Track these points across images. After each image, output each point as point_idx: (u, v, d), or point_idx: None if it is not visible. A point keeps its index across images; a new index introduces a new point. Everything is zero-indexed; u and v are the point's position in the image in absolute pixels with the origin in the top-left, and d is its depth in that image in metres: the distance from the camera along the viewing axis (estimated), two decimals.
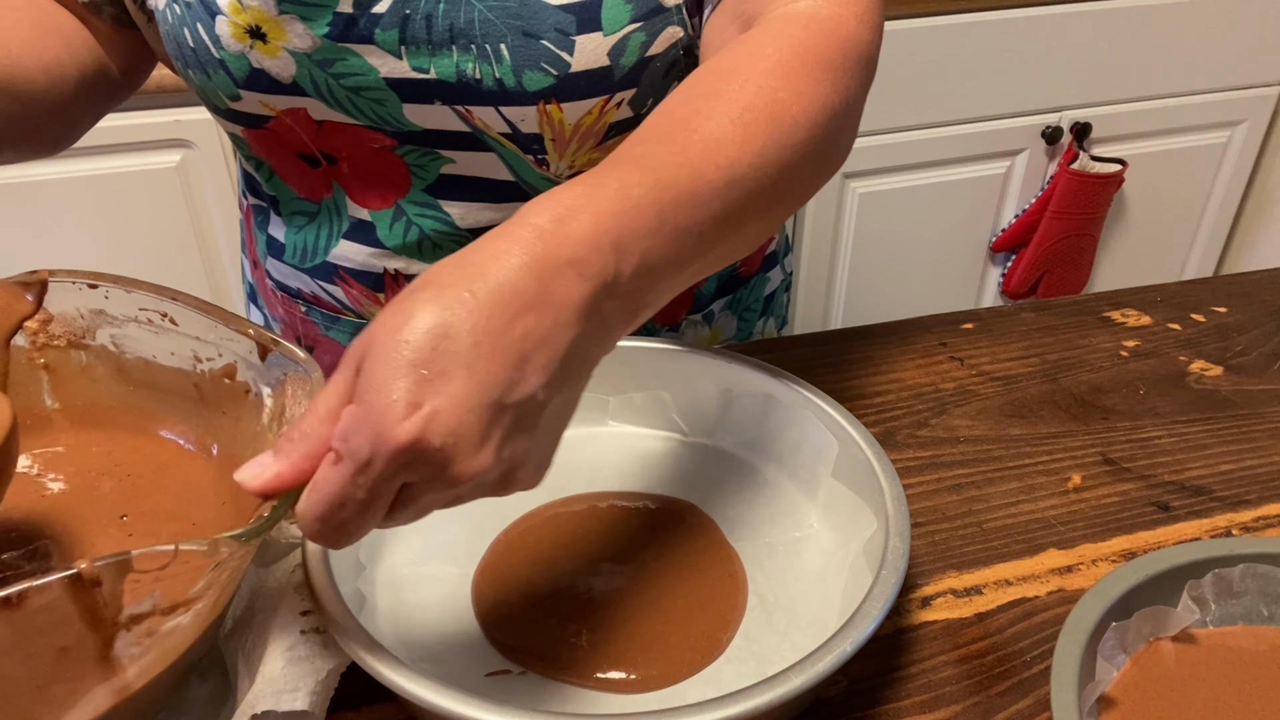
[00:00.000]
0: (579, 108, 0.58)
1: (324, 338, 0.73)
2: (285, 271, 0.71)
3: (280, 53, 0.57)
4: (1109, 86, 1.71)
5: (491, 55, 0.56)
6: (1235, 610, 0.50)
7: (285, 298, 0.73)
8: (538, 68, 0.56)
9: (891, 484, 0.50)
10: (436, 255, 0.66)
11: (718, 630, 0.49)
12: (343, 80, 0.58)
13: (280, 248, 0.70)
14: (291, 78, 0.58)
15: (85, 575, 0.32)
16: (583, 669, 0.47)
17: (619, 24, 0.56)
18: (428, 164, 0.63)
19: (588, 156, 0.62)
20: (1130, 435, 0.65)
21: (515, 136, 0.60)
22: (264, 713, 0.40)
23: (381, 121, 0.60)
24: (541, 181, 0.63)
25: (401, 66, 0.57)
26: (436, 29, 0.56)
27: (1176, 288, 0.83)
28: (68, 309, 0.49)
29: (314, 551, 0.46)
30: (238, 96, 0.60)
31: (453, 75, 0.57)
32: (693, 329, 0.78)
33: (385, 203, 0.65)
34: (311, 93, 0.59)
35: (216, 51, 0.58)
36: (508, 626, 0.50)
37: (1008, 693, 0.48)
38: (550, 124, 0.59)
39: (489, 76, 0.57)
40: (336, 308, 0.71)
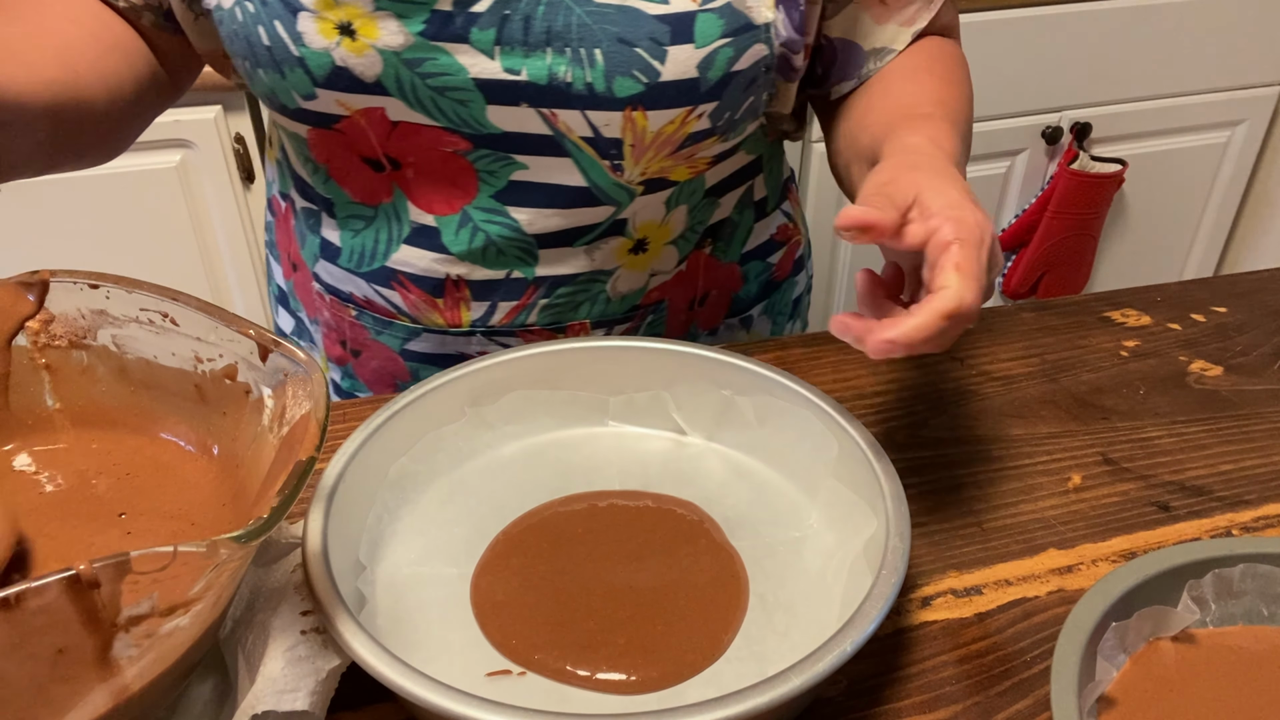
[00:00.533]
0: (663, 116, 0.60)
1: (373, 342, 0.72)
2: (339, 275, 0.71)
3: (368, 51, 0.57)
4: (1109, 86, 1.71)
5: (585, 60, 0.57)
6: (1235, 610, 0.50)
7: (335, 301, 0.72)
8: (629, 74, 0.57)
9: (891, 484, 0.50)
10: (500, 261, 0.66)
11: (719, 631, 0.49)
12: (429, 80, 0.58)
13: (335, 251, 0.70)
14: (375, 76, 0.58)
15: (84, 576, 0.32)
16: (583, 670, 0.47)
17: (710, 38, 0.58)
18: (499, 169, 0.63)
19: (660, 164, 0.63)
20: (1130, 435, 0.65)
21: (596, 141, 0.61)
22: (264, 713, 0.40)
23: (461, 124, 0.60)
24: (613, 187, 0.64)
25: (493, 67, 0.57)
26: (534, 31, 0.57)
27: (1176, 288, 0.83)
28: (69, 309, 0.49)
29: (314, 551, 0.46)
30: (313, 95, 0.60)
31: (544, 78, 0.58)
32: (730, 333, 0.79)
33: (451, 208, 0.65)
34: (394, 92, 0.59)
35: (296, 49, 0.57)
36: (508, 627, 0.50)
37: (1008, 693, 0.48)
38: (633, 130, 0.60)
39: (580, 80, 0.58)
40: (391, 312, 0.70)
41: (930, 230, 0.47)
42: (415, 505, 0.57)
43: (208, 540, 0.34)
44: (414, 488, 0.57)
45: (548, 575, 0.52)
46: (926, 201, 0.48)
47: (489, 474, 0.59)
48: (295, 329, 0.80)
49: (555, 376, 0.62)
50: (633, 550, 0.54)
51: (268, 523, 0.36)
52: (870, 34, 0.67)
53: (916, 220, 0.48)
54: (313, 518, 0.48)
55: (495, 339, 0.70)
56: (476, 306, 0.69)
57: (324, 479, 0.50)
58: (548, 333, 0.70)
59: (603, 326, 0.71)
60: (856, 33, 0.67)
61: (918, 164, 0.52)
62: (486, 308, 0.69)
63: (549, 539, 0.55)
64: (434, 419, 0.58)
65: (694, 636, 0.49)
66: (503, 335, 0.70)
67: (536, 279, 0.68)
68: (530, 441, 0.61)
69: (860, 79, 0.68)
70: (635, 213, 0.66)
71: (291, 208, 0.73)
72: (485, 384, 0.60)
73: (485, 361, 0.60)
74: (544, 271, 0.67)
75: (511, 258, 0.66)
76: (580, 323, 0.70)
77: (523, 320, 0.69)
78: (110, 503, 0.47)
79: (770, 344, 0.74)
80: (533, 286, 0.68)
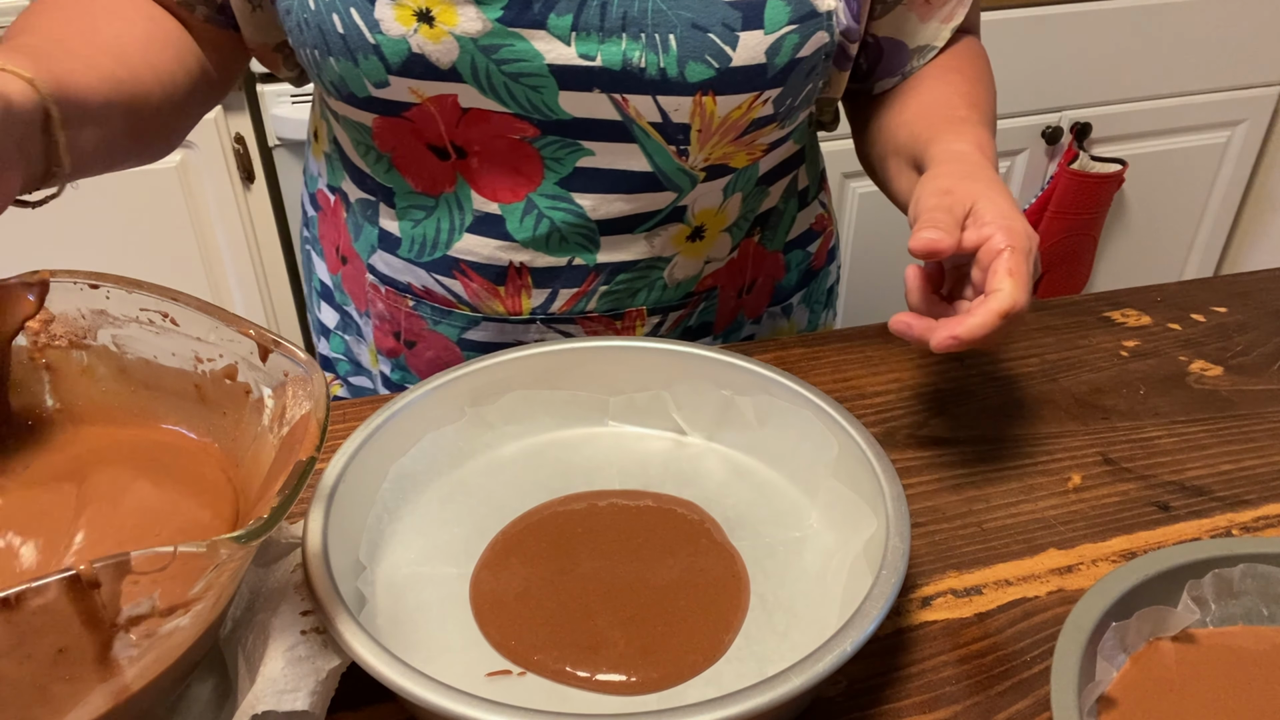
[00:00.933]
0: (730, 101, 0.61)
1: (430, 332, 0.73)
2: (397, 265, 0.71)
3: (445, 37, 0.58)
4: (1109, 86, 1.71)
5: (659, 45, 0.58)
6: (1235, 610, 0.50)
7: (391, 292, 0.73)
8: (701, 59, 0.59)
9: (891, 484, 0.50)
10: (563, 247, 0.67)
11: (719, 631, 0.49)
12: (504, 66, 0.59)
13: (395, 241, 0.70)
14: (451, 63, 0.59)
15: (84, 576, 0.32)
16: (583, 671, 0.47)
17: (779, 24, 0.59)
18: (565, 156, 0.64)
19: (723, 150, 0.65)
20: (1130, 435, 0.65)
21: (664, 126, 0.62)
22: (264, 713, 0.40)
23: (532, 110, 0.61)
24: (676, 172, 0.65)
25: (568, 53, 0.59)
26: (610, 16, 0.58)
27: (1176, 288, 0.83)
28: (69, 309, 0.49)
29: (314, 551, 0.46)
30: (385, 83, 0.60)
31: (618, 63, 0.59)
32: (772, 320, 0.81)
33: (515, 196, 0.66)
34: (468, 78, 0.60)
35: (372, 36, 0.58)
36: (507, 627, 0.50)
37: (1008, 693, 0.48)
38: (701, 115, 0.62)
39: (653, 66, 0.59)
40: (451, 301, 0.71)
41: (983, 238, 0.53)
42: (415, 505, 0.57)
43: (208, 540, 0.34)
44: (414, 488, 0.57)
45: (547, 576, 0.52)
46: (980, 210, 0.55)
47: (489, 474, 0.59)
48: (339, 323, 0.81)
49: (555, 376, 0.62)
50: (633, 550, 0.54)
51: (268, 523, 0.36)
52: (915, 32, 0.70)
53: (971, 227, 0.54)
54: (313, 518, 0.48)
55: (554, 326, 0.71)
56: (537, 294, 0.70)
57: (324, 479, 0.50)
58: (606, 320, 0.72)
59: (658, 314, 0.73)
60: (903, 31, 0.70)
61: (972, 174, 0.58)
62: (547, 295, 0.70)
63: (549, 539, 0.55)
64: (434, 419, 0.58)
65: (694, 637, 0.49)
66: (561, 323, 0.71)
67: (598, 265, 0.69)
68: (530, 441, 0.62)
69: (904, 75, 0.72)
70: (695, 199, 0.68)
71: (342, 200, 0.74)
72: (485, 384, 0.60)
73: (485, 361, 0.60)
74: (605, 258, 0.69)
75: (574, 244, 0.67)
76: (637, 309, 0.72)
77: (582, 307, 0.71)
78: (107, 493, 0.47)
79: (770, 344, 0.74)
80: (594, 273, 0.69)
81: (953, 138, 0.63)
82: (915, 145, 0.65)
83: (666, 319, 0.73)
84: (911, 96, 0.70)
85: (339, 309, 0.80)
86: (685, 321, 0.75)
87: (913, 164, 0.66)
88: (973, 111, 0.66)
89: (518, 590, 0.51)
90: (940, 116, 0.66)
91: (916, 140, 0.65)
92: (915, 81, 0.71)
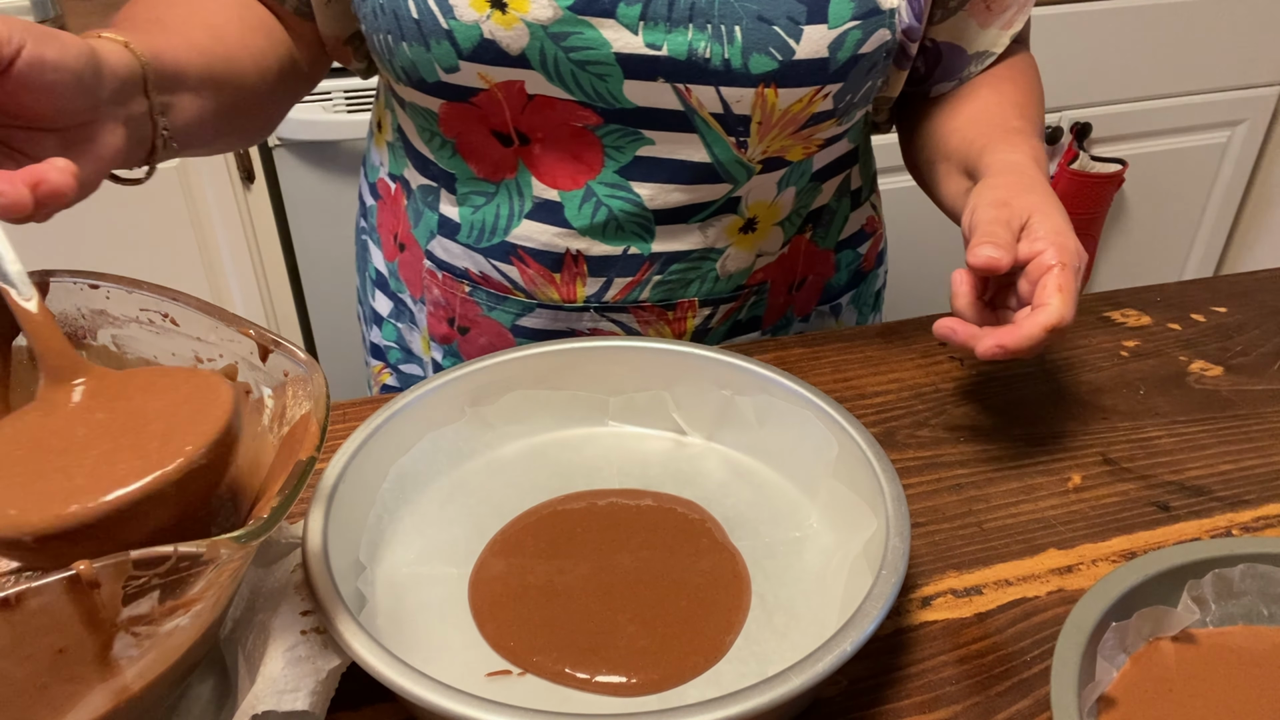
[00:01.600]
0: (792, 95, 0.62)
1: (484, 319, 0.74)
2: (456, 251, 0.72)
3: (517, 24, 0.59)
4: (1109, 86, 1.71)
5: (725, 36, 0.60)
6: (1235, 610, 0.50)
7: (448, 278, 0.74)
8: (765, 51, 0.60)
9: (891, 484, 0.50)
10: (619, 236, 0.69)
11: (721, 632, 0.49)
12: (572, 54, 0.60)
13: (454, 227, 0.72)
14: (521, 49, 0.60)
15: (84, 576, 0.32)
16: (582, 672, 0.47)
17: (842, 19, 0.60)
18: (626, 145, 0.65)
19: (780, 143, 0.66)
20: (1130, 435, 0.65)
21: (725, 118, 0.63)
22: (265, 713, 0.40)
23: (596, 98, 0.62)
24: (734, 164, 0.66)
25: (635, 42, 0.60)
26: (678, 6, 0.59)
27: (1176, 288, 0.83)
28: (69, 309, 0.49)
29: (314, 551, 0.46)
30: (455, 68, 0.61)
31: (684, 53, 0.60)
32: (821, 320, 0.82)
33: (575, 184, 0.67)
34: (536, 65, 0.61)
35: (445, 21, 0.59)
36: (506, 628, 0.50)
37: (1008, 693, 0.48)
38: (763, 107, 0.63)
39: (718, 56, 0.60)
40: (506, 288, 0.72)
41: (1035, 252, 0.55)
42: (415, 505, 0.57)
43: (208, 540, 0.34)
44: (414, 488, 0.57)
45: (547, 576, 0.52)
46: (1034, 226, 0.57)
47: (489, 474, 0.59)
48: (393, 311, 0.82)
49: (555, 376, 0.62)
50: (633, 550, 0.54)
51: (268, 523, 0.36)
52: (974, 38, 0.71)
53: (1024, 240, 0.56)
54: (313, 518, 0.48)
55: (607, 315, 0.72)
56: (592, 282, 0.70)
57: (324, 479, 0.50)
58: (659, 310, 0.73)
59: (710, 305, 0.74)
60: (962, 37, 0.71)
61: (1029, 187, 0.60)
62: (602, 283, 0.71)
63: (548, 538, 0.55)
64: (434, 419, 0.58)
65: (695, 639, 0.49)
66: (614, 311, 0.72)
67: (652, 255, 0.70)
68: (530, 441, 0.62)
69: (961, 80, 0.73)
70: (749, 191, 0.69)
71: (404, 188, 0.75)
72: (485, 384, 0.60)
73: (485, 361, 0.60)
74: (660, 247, 0.70)
75: (630, 233, 0.68)
76: (689, 300, 0.73)
77: (635, 296, 0.72)
78: None
79: (770, 344, 0.74)
80: (648, 262, 0.70)
81: (1008, 148, 0.64)
82: (969, 152, 0.67)
83: (717, 311, 0.74)
84: (965, 104, 0.72)
85: (393, 296, 0.82)
86: (735, 315, 0.76)
87: (964, 170, 0.68)
88: (1025, 123, 0.68)
89: (516, 591, 0.51)
90: (994, 125, 0.68)
91: (970, 147, 0.67)
92: (969, 89, 0.73)
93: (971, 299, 0.57)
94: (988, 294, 0.59)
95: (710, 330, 0.75)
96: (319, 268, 1.55)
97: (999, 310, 0.59)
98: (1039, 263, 0.55)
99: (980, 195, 0.60)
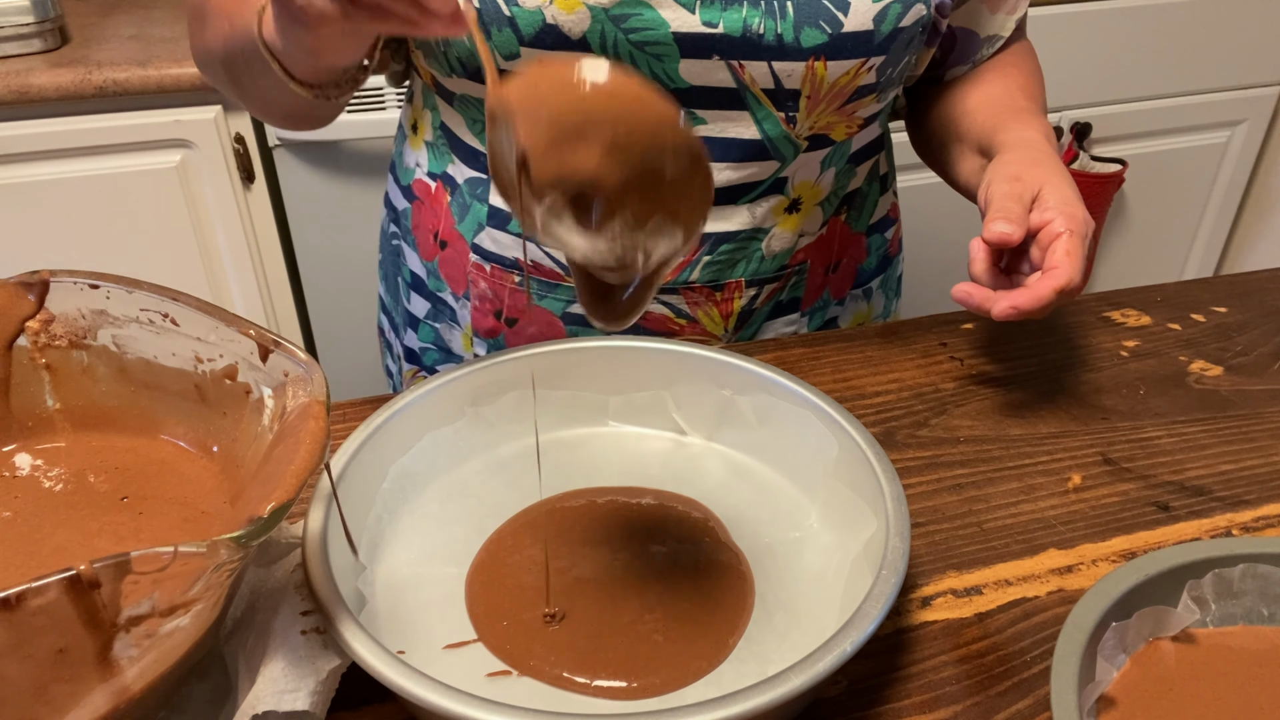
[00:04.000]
0: (840, 67, 0.65)
1: (534, 308, 0.75)
2: (506, 241, 0.74)
3: (579, 8, 0.61)
4: (1109, 86, 1.71)
5: (777, 11, 0.63)
6: (1235, 610, 0.50)
7: (497, 269, 0.75)
8: (816, 25, 0.63)
9: (891, 484, 0.50)
10: None
11: (724, 634, 0.49)
12: (631, 35, 0.62)
13: (505, 217, 0.73)
14: (582, 33, 0.62)
15: (84, 576, 0.32)
16: (581, 677, 0.47)
17: None
18: None
19: (826, 119, 0.69)
20: (1130, 435, 0.65)
21: (776, 93, 0.66)
22: (265, 713, 0.40)
23: (652, 78, 0.64)
24: (782, 140, 0.69)
25: (692, 20, 0.62)
26: None
27: (1176, 288, 0.83)
28: (69, 309, 0.49)
29: (314, 551, 0.46)
30: (516, 55, 0.63)
31: (739, 29, 0.62)
32: (854, 303, 0.84)
33: None
34: (596, 48, 0.63)
35: (508, 9, 0.61)
36: (503, 632, 0.50)
37: (1008, 693, 0.48)
38: (812, 80, 0.66)
39: (771, 31, 0.63)
40: (558, 274, 0.73)
41: (1045, 220, 0.60)
42: (415, 505, 0.57)
43: (208, 540, 0.34)
44: (414, 487, 0.57)
45: (545, 577, 0.52)
46: (1045, 197, 0.61)
47: (489, 474, 0.59)
48: (429, 312, 0.83)
49: (555, 376, 0.62)
50: (635, 549, 0.54)
51: (268, 523, 0.36)
52: (986, 23, 0.76)
53: (1035, 210, 0.61)
54: (313, 518, 0.48)
55: (658, 298, 0.73)
56: None
57: (324, 479, 0.50)
58: (707, 290, 0.74)
59: (755, 285, 0.75)
60: (975, 22, 0.76)
61: (1040, 161, 0.64)
62: None
63: (546, 537, 0.55)
64: (434, 419, 0.58)
65: (697, 642, 0.49)
66: (665, 293, 0.73)
67: (703, 235, 0.71)
68: (530, 441, 0.61)
69: (974, 63, 0.78)
70: (795, 170, 0.72)
71: (445, 185, 0.77)
72: (485, 384, 0.60)
73: (485, 362, 0.60)
74: (710, 228, 0.71)
75: None
76: (736, 281, 0.74)
77: (685, 278, 0.73)
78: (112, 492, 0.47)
79: (770, 344, 0.74)
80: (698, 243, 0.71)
81: (1020, 126, 0.69)
82: (982, 133, 0.72)
83: (761, 291, 0.76)
84: (974, 88, 0.76)
85: (431, 296, 0.82)
86: (778, 295, 0.77)
87: (978, 150, 0.73)
88: (1032, 103, 0.74)
89: (513, 592, 0.51)
90: (1004, 107, 0.73)
91: (984, 128, 0.72)
92: (977, 75, 0.77)
93: (987, 265, 0.61)
94: (1003, 261, 0.63)
95: (755, 311, 0.76)
96: (319, 268, 1.55)
97: (1013, 275, 0.63)
98: (1049, 230, 0.59)
99: (995, 171, 0.64)
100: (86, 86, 1.30)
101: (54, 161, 1.35)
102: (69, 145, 1.34)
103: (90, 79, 1.29)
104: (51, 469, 0.49)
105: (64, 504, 0.47)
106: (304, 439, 0.40)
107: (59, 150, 1.34)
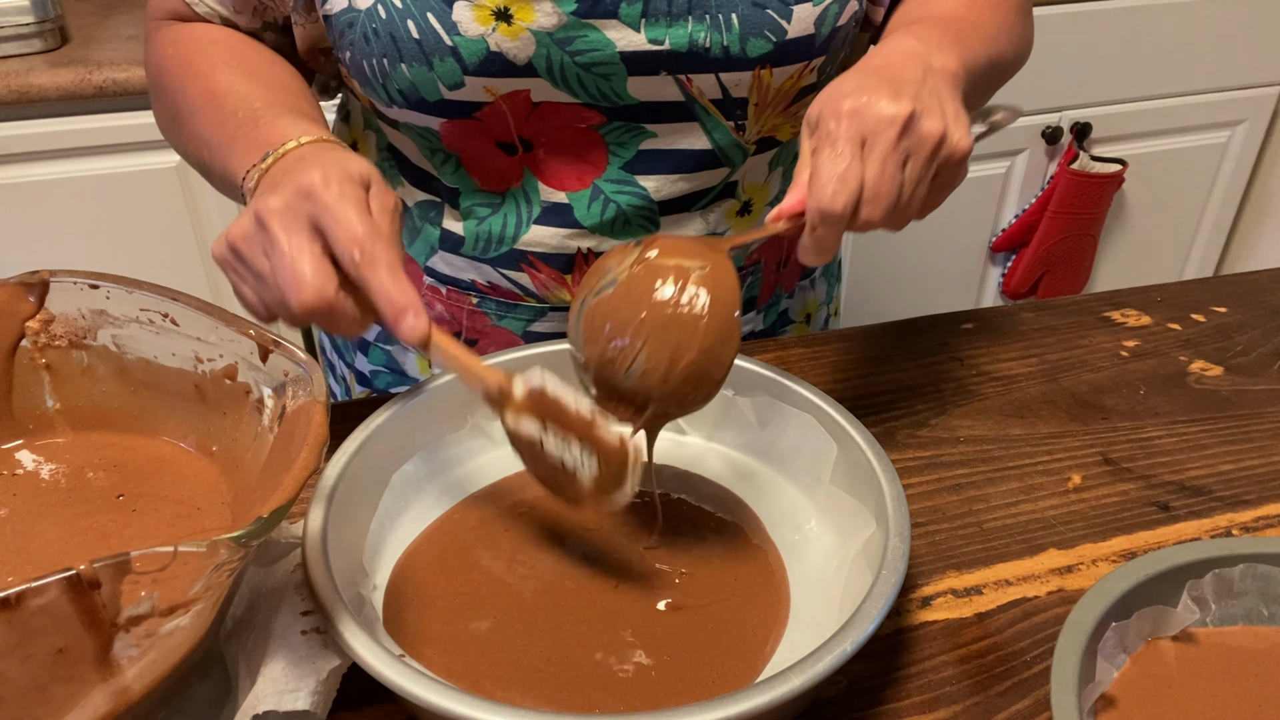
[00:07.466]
0: (785, 72, 0.65)
1: (494, 328, 0.74)
2: (460, 264, 0.73)
3: (523, 33, 0.60)
4: (1109, 86, 1.71)
5: (723, 25, 0.62)
6: (1235, 610, 0.50)
7: (453, 291, 0.74)
8: (761, 35, 0.62)
9: (891, 484, 0.50)
10: (628, 231, 0.70)
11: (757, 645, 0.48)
12: (578, 57, 0.61)
13: (458, 241, 0.72)
14: (527, 59, 0.61)
15: (84, 576, 0.32)
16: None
17: None
18: (628, 140, 0.66)
19: (773, 122, 0.69)
20: (1130, 435, 0.65)
21: (724, 103, 0.65)
22: (265, 713, 0.40)
23: (601, 98, 0.64)
24: (732, 147, 0.68)
25: (638, 39, 0.61)
26: (677, 1, 0.61)
27: (1176, 288, 0.83)
28: (69, 309, 0.49)
29: (314, 552, 0.46)
30: (460, 84, 0.62)
31: (685, 45, 0.62)
32: (802, 293, 0.84)
33: (582, 184, 0.68)
34: (543, 73, 0.62)
35: (449, 38, 0.60)
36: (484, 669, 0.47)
37: (1008, 693, 0.48)
38: (759, 88, 0.65)
39: (717, 45, 0.62)
40: (517, 295, 0.73)
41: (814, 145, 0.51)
42: (415, 508, 0.57)
43: (208, 540, 0.34)
44: (414, 491, 0.57)
45: (534, 595, 0.52)
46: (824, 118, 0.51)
47: (489, 475, 0.59)
48: (380, 335, 0.80)
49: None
50: (639, 551, 0.53)
51: (268, 523, 0.36)
52: None
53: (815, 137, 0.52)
54: (313, 518, 0.48)
55: None
56: None
57: (324, 479, 0.50)
58: None
59: None
60: None
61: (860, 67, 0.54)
62: None
63: (541, 536, 0.54)
64: (434, 419, 0.58)
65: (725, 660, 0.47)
66: None
67: None
68: None
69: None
70: (744, 174, 0.71)
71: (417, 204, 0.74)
72: None
73: (485, 361, 0.60)
74: None
75: (637, 226, 0.70)
76: None
77: None
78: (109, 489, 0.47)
79: (770, 344, 0.74)
80: None
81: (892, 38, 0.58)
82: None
83: None
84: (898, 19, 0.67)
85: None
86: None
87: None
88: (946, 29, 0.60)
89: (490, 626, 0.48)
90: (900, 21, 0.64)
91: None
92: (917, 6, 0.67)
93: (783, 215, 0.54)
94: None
95: None
96: None
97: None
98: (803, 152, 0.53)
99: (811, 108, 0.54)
100: (86, 86, 1.30)
101: (54, 161, 1.35)
102: (69, 145, 1.34)
103: (90, 79, 1.29)
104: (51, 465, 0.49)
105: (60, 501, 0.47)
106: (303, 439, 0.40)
107: (59, 150, 1.34)
